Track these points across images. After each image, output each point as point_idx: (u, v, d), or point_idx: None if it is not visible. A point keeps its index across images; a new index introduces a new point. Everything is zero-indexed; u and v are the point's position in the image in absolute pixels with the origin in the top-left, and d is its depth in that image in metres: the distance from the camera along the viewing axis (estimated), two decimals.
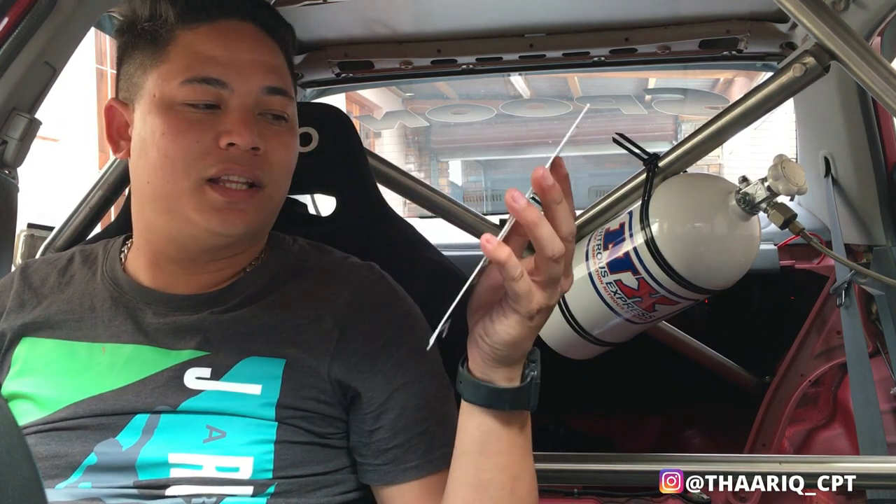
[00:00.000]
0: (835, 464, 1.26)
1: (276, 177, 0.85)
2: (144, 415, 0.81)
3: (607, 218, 1.42)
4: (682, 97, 4.09)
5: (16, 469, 0.45)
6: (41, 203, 2.07)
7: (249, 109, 0.82)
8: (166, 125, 0.81)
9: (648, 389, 2.08)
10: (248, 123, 0.81)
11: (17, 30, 1.10)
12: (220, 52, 0.82)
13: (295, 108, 0.89)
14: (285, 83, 0.86)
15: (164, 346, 0.84)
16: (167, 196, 0.82)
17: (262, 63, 0.84)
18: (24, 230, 1.41)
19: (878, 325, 1.67)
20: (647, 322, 1.35)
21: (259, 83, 0.83)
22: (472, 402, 0.72)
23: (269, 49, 0.86)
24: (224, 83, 0.82)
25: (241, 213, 0.82)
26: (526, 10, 1.57)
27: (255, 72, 0.83)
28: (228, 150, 0.80)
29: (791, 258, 1.86)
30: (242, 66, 0.83)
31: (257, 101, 0.83)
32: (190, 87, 0.81)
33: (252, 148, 0.81)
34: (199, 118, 0.81)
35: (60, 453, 0.80)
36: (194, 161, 0.80)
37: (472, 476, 0.74)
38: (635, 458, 1.32)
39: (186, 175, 0.80)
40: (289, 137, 0.87)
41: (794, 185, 1.19)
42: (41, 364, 0.85)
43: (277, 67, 0.86)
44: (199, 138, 0.80)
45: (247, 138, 0.80)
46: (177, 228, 0.84)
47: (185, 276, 0.87)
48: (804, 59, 1.17)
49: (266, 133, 0.83)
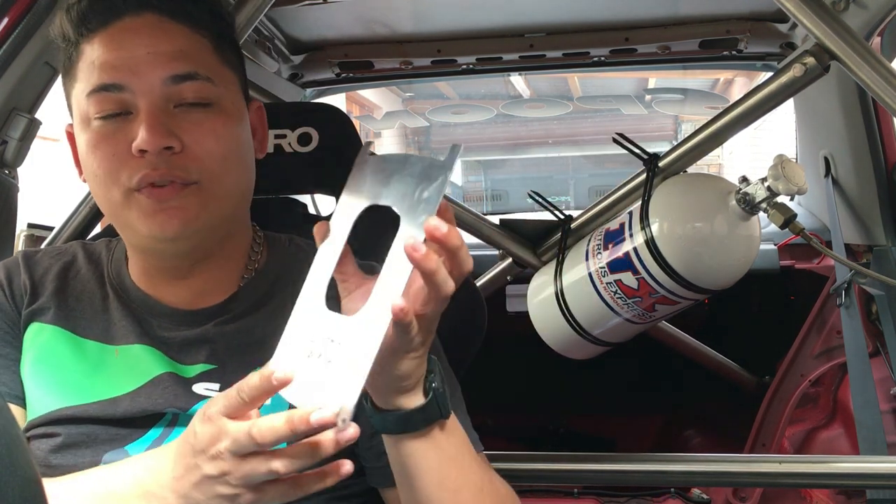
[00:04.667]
0: (835, 464, 1.27)
1: (211, 170, 0.79)
2: (156, 431, 0.81)
3: (607, 218, 1.42)
4: (682, 97, 4.08)
5: (16, 469, 0.45)
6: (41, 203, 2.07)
7: (157, 107, 0.78)
8: (87, 143, 0.80)
9: (648, 389, 2.08)
10: (154, 125, 0.76)
11: (17, 30, 1.10)
12: (112, 55, 0.78)
13: (228, 89, 0.83)
14: (195, 65, 0.80)
15: (174, 358, 0.84)
16: (109, 211, 0.82)
17: (161, 53, 0.79)
18: (24, 230, 1.41)
19: (878, 325, 1.67)
20: (647, 322, 1.35)
21: (160, 75, 0.78)
22: (389, 433, 0.70)
23: (170, 36, 0.80)
24: (121, 86, 0.78)
25: (176, 211, 0.78)
26: (526, 10, 1.57)
27: (152, 66, 0.78)
28: (144, 157, 0.77)
29: (791, 258, 1.86)
30: (137, 64, 0.78)
31: (167, 95, 0.78)
32: (93, 99, 0.79)
33: (166, 148, 0.77)
34: (112, 130, 0.78)
35: (69, 463, 0.80)
36: (116, 174, 0.78)
37: (412, 499, 0.73)
38: (635, 458, 1.32)
39: (115, 187, 0.79)
40: (217, 123, 0.80)
41: (794, 185, 1.19)
42: (50, 353, 0.85)
43: (183, 52, 0.80)
44: (115, 151, 0.78)
45: (152, 141, 0.76)
46: (131, 237, 0.84)
47: (178, 281, 0.86)
48: (804, 59, 1.17)
49: (185, 126, 0.78)
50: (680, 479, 1.62)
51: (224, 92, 0.82)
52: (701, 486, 1.91)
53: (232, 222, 0.87)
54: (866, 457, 1.48)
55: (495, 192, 10.68)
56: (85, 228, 1.44)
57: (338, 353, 0.61)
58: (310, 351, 0.62)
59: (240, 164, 0.84)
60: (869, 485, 1.41)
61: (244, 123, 0.85)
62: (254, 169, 0.88)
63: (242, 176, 0.85)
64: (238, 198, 0.85)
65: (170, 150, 0.77)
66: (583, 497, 1.88)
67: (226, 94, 0.82)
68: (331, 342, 0.61)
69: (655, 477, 1.35)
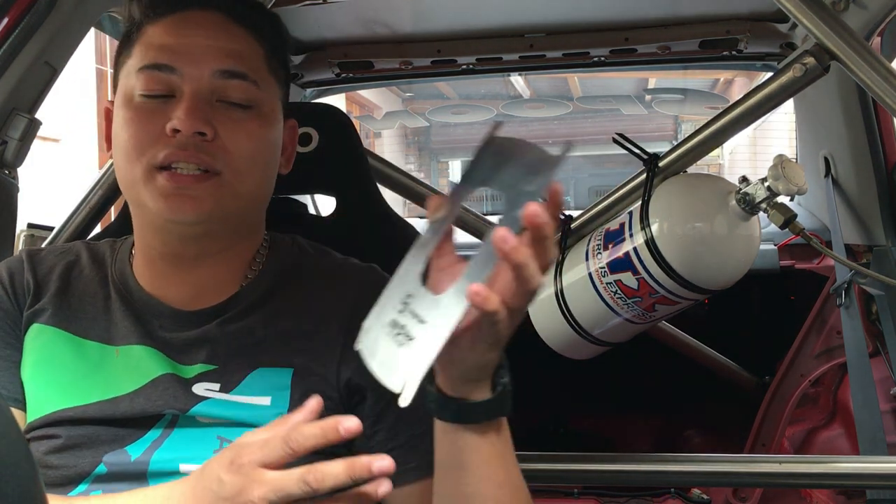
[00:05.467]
0: (835, 464, 1.27)
1: (236, 164, 0.82)
2: (156, 432, 0.81)
3: (607, 218, 1.42)
4: (682, 97, 4.09)
5: (16, 469, 0.45)
6: (41, 203, 2.07)
7: (200, 95, 0.81)
8: (125, 116, 0.82)
9: (648, 389, 2.08)
10: (194, 109, 0.79)
11: (17, 30, 1.10)
12: (172, 39, 0.82)
13: (270, 97, 0.86)
14: (246, 67, 0.83)
15: (174, 359, 0.84)
16: (126, 186, 0.83)
17: (217, 48, 0.82)
18: (24, 230, 1.41)
19: (878, 325, 1.67)
20: (647, 322, 1.35)
21: (210, 66, 0.81)
22: (447, 420, 0.70)
23: (229, 34, 0.84)
24: (173, 68, 0.81)
25: (191, 200, 0.80)
26: (526, 10, 1.57)
27: (206, 56, 0.82)
28: (175, 137, 0.79)
29: (791, 258, 1.86)
30: (193, 51, 0.82)
31: (212, 87, 0.81)
32: (142, 75, 0.81)
33: (199, 133, 0.79)
34: (152, 108, 0.81)
35: (69, 463, 0.80)
36: (144, 149, 0.80)
37: (455, 490, 0.73)
38: (635, 458, 1.32)
39: (139, 162, 0.80)
40: (253, 125, 0.83)
41: (794, 185, 1.19)
42: (51, 354, 0.85)
43: (238, 52, 0.83)
44: (149, 127, 0.80)
45: (188, 123, 0.78)
46: (142, 217, 0.85)
47: (181, 276, 0.87)
48: (804, 59, 1.17)
49: (222, 119, 0.81)
50: (680, 479, 1.62)
51: (266, 98, 0.85)
52: (701, 486, 1.91)
53: (244, 223, 0.88)
54: (866, 457, 1.48)
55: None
56: (85, 228, 1.44)
57: (417, 329, 0.61)
58: (394, 320, 0.62)
59: (265, 168, 0.86)
60: (869, 485, 1.41)
61: (278, 134, 0.88)
62: (274, 180, 0.90)
63: (263, 181, 0.87)
64: (254, 200, 0.87)
65: (202, 136, 0.79)
66: (583, 497, 1.88)
67: (267, 101, 0.85)
68: (413, 317, 0.62)
69: (655, 477, 1.35)
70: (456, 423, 0.69)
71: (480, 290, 0.58)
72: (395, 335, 0.61)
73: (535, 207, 0.58)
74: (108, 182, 1.43)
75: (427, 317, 0.61)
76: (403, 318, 0.62)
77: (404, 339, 0.61)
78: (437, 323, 0.60)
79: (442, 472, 0.74)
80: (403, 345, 0.61)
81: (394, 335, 0.61)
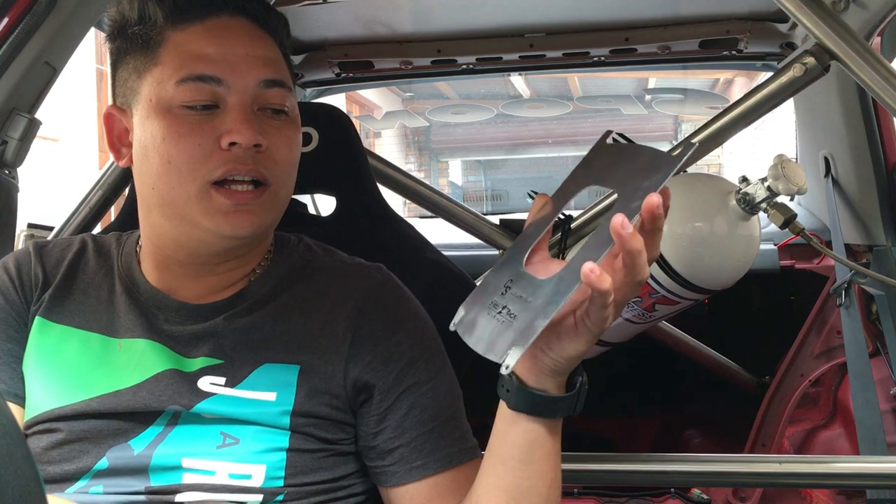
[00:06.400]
0: (835, 464, 1.26)
1: (281, 173, 0.83)
2: (158, 427, 0.81)
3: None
4: (682, 97, 4.09)
5: (16, 469, 0.45)
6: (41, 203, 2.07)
7: (248, 105, 0.80)
8: (166, 130, 0.79)
9: (648, 389, 2.08)
10: (248, 120, 0.79)
11: (17, 30, 1.10)
12: (212, 49, 0.80)
13: (295, 101, 0.87)
14: (282, 75, 0.84)
15: (178, 352, 0.84)
16: (173, 202, 0.81)
17: (257, 57, 0.82)
18: (24, 230, 1.41)
19: (878, 325, 1.67)
20: (647, 322, 1.35)
21: (255, 77, 0.81)
22: (521, 411, 0.71)
23: (263, 42, 0.84)
24: (219, 80, 0.79)
25: (249, 214, 0.80)
26: (526, 10, 1.56)
27: (250, 66, 0.81)
28: (231, 150, 0.79)
29: (791, 258, 1.86)
30: (237, 62, 0.81)
31: (255, 97, 0.81)
32: (185, 87, 0.79)
33: (255, 145, 0.79)
34: (198, 120, 0.79)
35: (72, 457, 0.80)
36: (198, 165, 0.79)
37: (511, 483, 0.73)
38: (635, 458, 1.32)
39: (192, 180, 0.79)
40: (291, 132, 0.85)
41: (794, 185, 1.19)
42: (54, 350, 0.85)
43: (273, 60, 0.84)
44: (201, 141, 0.79)
45: (248, 136, 0.78)
46: (185, 233, 0.83)
47: (194, 279, 0.87)
48: (804, 59, 1.17)
49: (267, 129, 0.81)
50: (680, 479, 1.62)
51: (294, 103, 0.86)
52: (701, 486, 1.91)
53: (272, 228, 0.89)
54: (866, 457, 1.48)
55: (495, 192, 10.69)
56: (85, 228, 1.44)
57: (522, 309, 0.63)
58: (495, 302, 0.65)
59: (295, 172, 0.87)
60: (869, 485, 1.41)
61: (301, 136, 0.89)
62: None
63: (293, 185, 0.88)
64: (286, 205, 0.88)
65: (256, 148, 0.80)
66: (583, 497, 1.88)
67: (294, 106, 0.86)
68: (516, 298, 0.64)
69: (655, 477, 1.34)
70: (529, 414, 0.70)
71: (595, 269, 0.59)
72: (497, 314, 0.65)
73: (658, 198, 0.60)
74: (108, 182, 1.43)
75: (532, 297, 0.63)
76: (504, 300, 0.65)
77: (506, 317, 0.64)
78: (541, 303, 0.63)
79: (502, 464, 0.74)
80: (504, 322, 0.64)
81: (495, 314, 0.65)
